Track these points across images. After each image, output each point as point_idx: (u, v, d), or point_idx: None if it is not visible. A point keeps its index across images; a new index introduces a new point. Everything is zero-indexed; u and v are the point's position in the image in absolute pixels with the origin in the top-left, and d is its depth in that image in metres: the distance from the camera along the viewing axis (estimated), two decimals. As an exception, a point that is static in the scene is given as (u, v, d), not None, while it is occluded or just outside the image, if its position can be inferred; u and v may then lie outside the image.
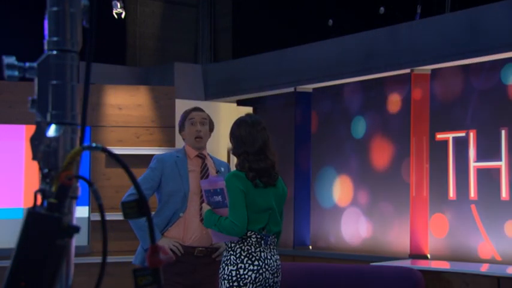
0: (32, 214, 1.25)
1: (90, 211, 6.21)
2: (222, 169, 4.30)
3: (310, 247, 7.35)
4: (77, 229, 1.26)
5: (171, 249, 4.03)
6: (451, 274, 5.41)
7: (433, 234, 6.34)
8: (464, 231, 6.12)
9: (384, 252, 6.68)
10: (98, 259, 5.97)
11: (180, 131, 4.31)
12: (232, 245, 3.73)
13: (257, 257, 3.70)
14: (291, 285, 5.34)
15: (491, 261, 5.88)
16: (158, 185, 4.14)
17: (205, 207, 3.82)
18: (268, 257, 3.73)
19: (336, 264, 5.86)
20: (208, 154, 4.33)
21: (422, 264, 5.78)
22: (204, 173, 4.23)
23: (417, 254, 6.24)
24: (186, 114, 4.28)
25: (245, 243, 3.71)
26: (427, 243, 6.30)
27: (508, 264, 5.68)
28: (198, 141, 4.22)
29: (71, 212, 1.34)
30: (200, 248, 4.09)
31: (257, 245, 3.72)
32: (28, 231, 1.24)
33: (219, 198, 3.77)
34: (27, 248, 1.23)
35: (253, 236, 3.72)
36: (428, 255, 6.27)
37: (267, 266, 3.71)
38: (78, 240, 1.60)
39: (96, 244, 6.19)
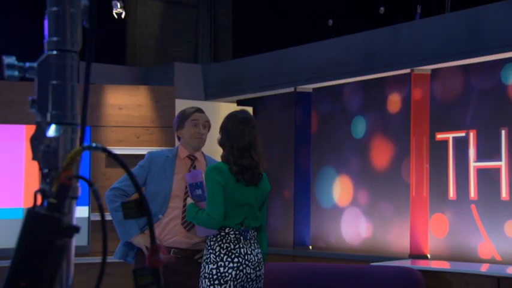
0: (32, 214, 1.25)
1: (90, 211, 6.21)
2: None
3: (310, 247, 7.35)
4: (77, 229, 1.26)
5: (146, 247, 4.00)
6: (451, 274, 5.40)
7: (433, 234, 6.34)
8: (464, 231, 6.12)
9: (384, 252, 6.68)
10: (98, 259, 5.97)
11: (178, 129, 4.17)
12: (211, 243, 3.72)
13: (236, 254, 3.68)
14: (291, 285, 5.34)
15: (491, 261, 5.88)
16: (143, 183, 4.06)
17: (189, 200, 3.84)
18: (249, 252, 3.72)
19: (336, 264, 5.87)
20: (202, 154, 4.24)
21: (422, 264, 5.78)
22: None
23: (417, 254, 6.24)
24: (187, 114, 4.15)
25: (224, 241, 3.70)
26: (427, 243, 6.30)
27: (508, 264, 5.68)
28: (199, 141, 4.14)
29: (70, 212, 1.34)
30: (176, 249, 4.00)
31: (236, 242, 3.70)
32: (28, 231, 1.24)
33: (199, 191, 3.78)
34: (27, 248, 1.23)
35: (232, 232, 3.71)
36: (428, 255, 6.27)
37: (247, 262, 3.69)
38: (78, 240, 1.60)
39: (96, 244, 6.19)
